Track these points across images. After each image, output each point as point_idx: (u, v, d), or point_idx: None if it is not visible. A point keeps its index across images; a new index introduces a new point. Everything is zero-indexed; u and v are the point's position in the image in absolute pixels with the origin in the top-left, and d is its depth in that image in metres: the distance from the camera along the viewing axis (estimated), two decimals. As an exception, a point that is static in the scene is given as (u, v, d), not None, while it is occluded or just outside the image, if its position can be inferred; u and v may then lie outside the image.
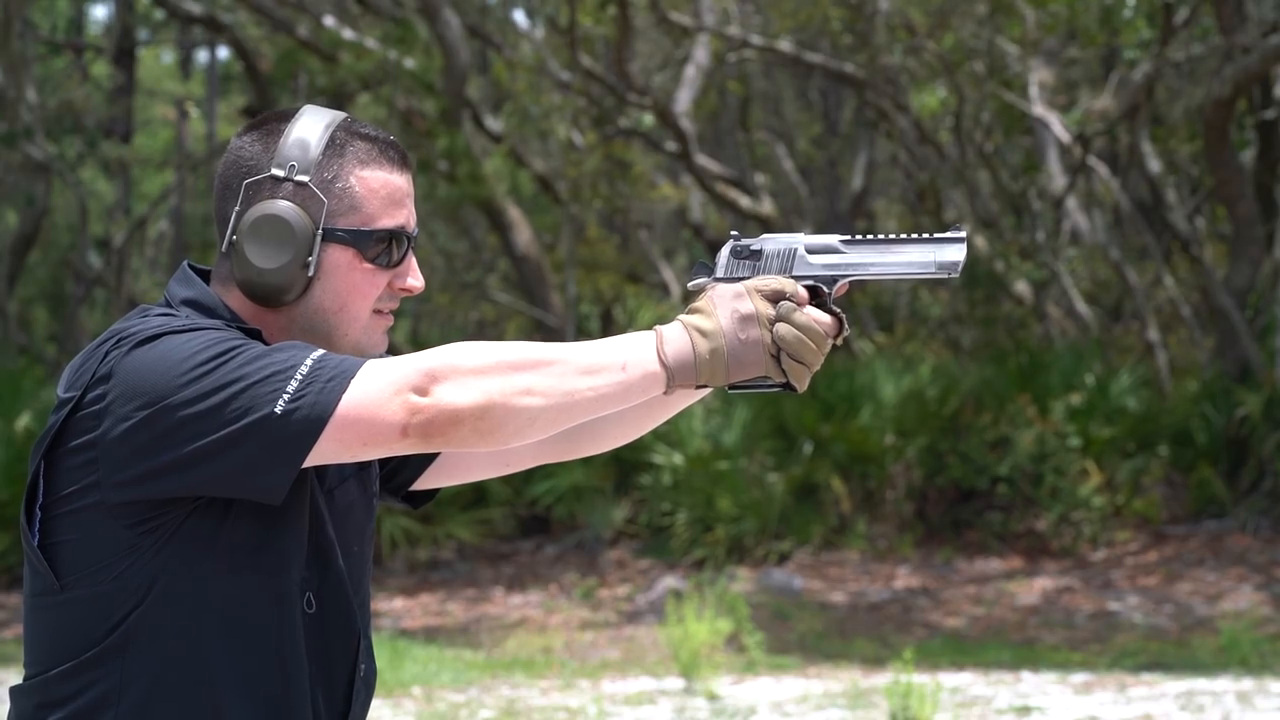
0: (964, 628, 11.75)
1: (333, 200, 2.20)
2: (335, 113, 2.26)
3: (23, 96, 17.26)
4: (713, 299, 2.17)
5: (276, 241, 2.18)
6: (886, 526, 13.69)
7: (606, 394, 2.11)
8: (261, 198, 2.20)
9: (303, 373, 2.05)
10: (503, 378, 2.06)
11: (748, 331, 2.15)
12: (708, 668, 9.57)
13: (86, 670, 2.12)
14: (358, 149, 2.23)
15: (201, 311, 2.20)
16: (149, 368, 2.06)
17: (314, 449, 2.05)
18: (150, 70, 30.17)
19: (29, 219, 19.69)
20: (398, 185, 2.24)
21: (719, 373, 2.14)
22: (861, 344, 18.41)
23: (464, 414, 2.05)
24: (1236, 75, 13.96)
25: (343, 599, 2.23)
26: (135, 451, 2.06)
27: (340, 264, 2.21)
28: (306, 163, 2.20)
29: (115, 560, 2.10)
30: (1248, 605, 11.78)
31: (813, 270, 2.24)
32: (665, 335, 2.14)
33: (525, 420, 2.08)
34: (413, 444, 2.06)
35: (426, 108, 16.31)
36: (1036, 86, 16.74)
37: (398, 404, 2.04)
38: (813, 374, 2.19)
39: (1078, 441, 13.54)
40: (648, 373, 2.12)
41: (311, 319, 2.22)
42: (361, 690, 2.27)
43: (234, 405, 2.03)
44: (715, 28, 17.02)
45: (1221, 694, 9.16)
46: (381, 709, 9.12)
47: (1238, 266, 15.06)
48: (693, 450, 13.84)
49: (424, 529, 13.86)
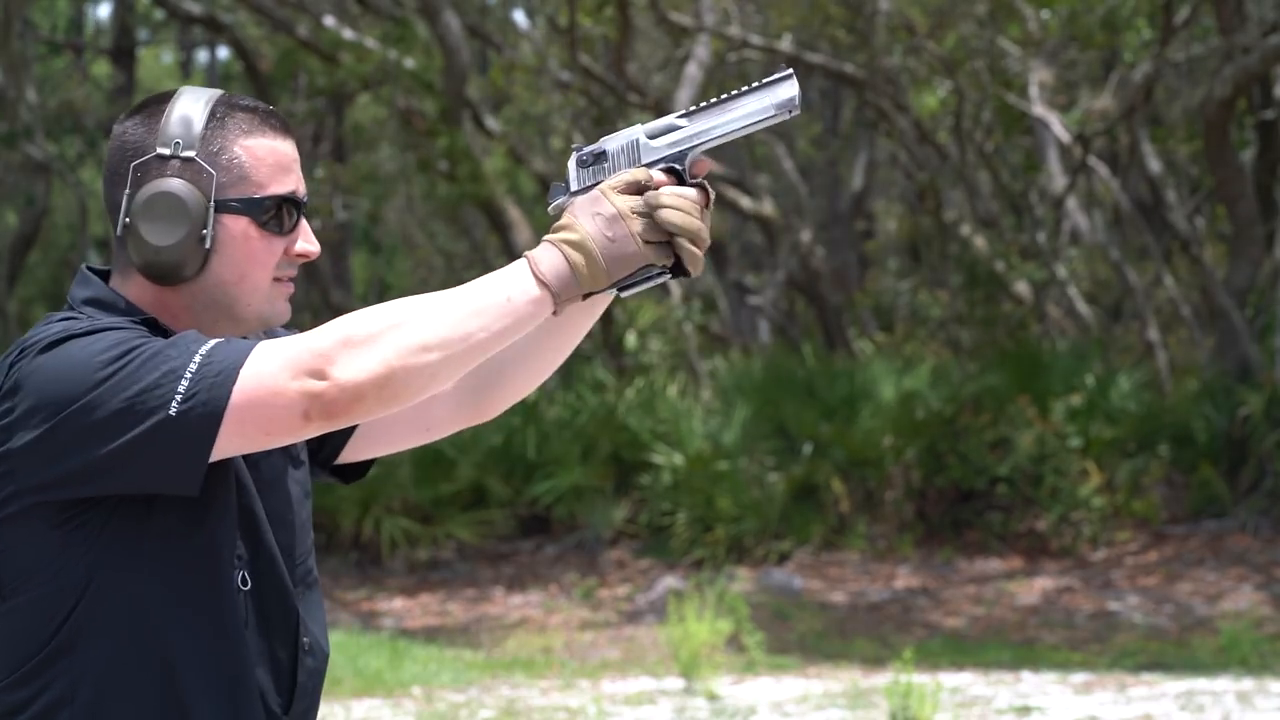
0: (964, 628, 11.75)
1: (221, 172, 2.21)
2: (213, 90, 2.27)
3: (23, 96, 17.25)
4: (572, 211, 2.18)
5: (170, 218, 2.19)
6: (886, 526, 13.69)
7: (498, 330, 2.11)
8: (150, 178, 2.21)
9: (192, 370, 2.05)
10: (394, 341, 2.06)
11: (614, 229, 2.14)
12: (708, 668, 9.57)
13: (37, 675, 2.13)
14: (239, 119, 2.24)
15: (101, 308, 2.21)
16: (51, 375, 2.08)
17: (216, 444, 2.05)
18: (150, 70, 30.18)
19: (29, 219, 19.69)
20: (284, 152, 2.26)
21: (599, 276, 2.15)
22: (861, 344, 18.41)
23: (365, 387, 2.05)
24: (1236, 75, 13.97)
25: (275, 573, 2.23)
26: (46, 459, 2.08)
27: (235, 234, 2.22)
28: (191, 138, 2.21)
29: (49, 562, 2.12)
30: (1248, 605, 11.78)
31: (659, 154, 2.22)
32: (536, 256, 2.15)
33: (427, 376, 2.08)
34: (318, 426, 2.07)
35: (426, 108, 16.30)
36: (1036, 86, 16.74)
37: (295, 390, 2.04)
38: (703, 250, 2.19)
39: (1078, 442, 13.54)
40: (531, 298, 2.13)
41: (213, 293, 2.22)
42: (306, 661, 2.27)
43: (133, 411, 2.04)
44: (715, 28, 17.02)
45: (1221, 694, 9.16)
46: (381, 709, 9.13)
47: (1238, 266, 15.06)
48: (693, 450, 13.84)
49: (424, 529, 13.86)
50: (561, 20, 17.24)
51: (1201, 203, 18.60)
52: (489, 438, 14.15)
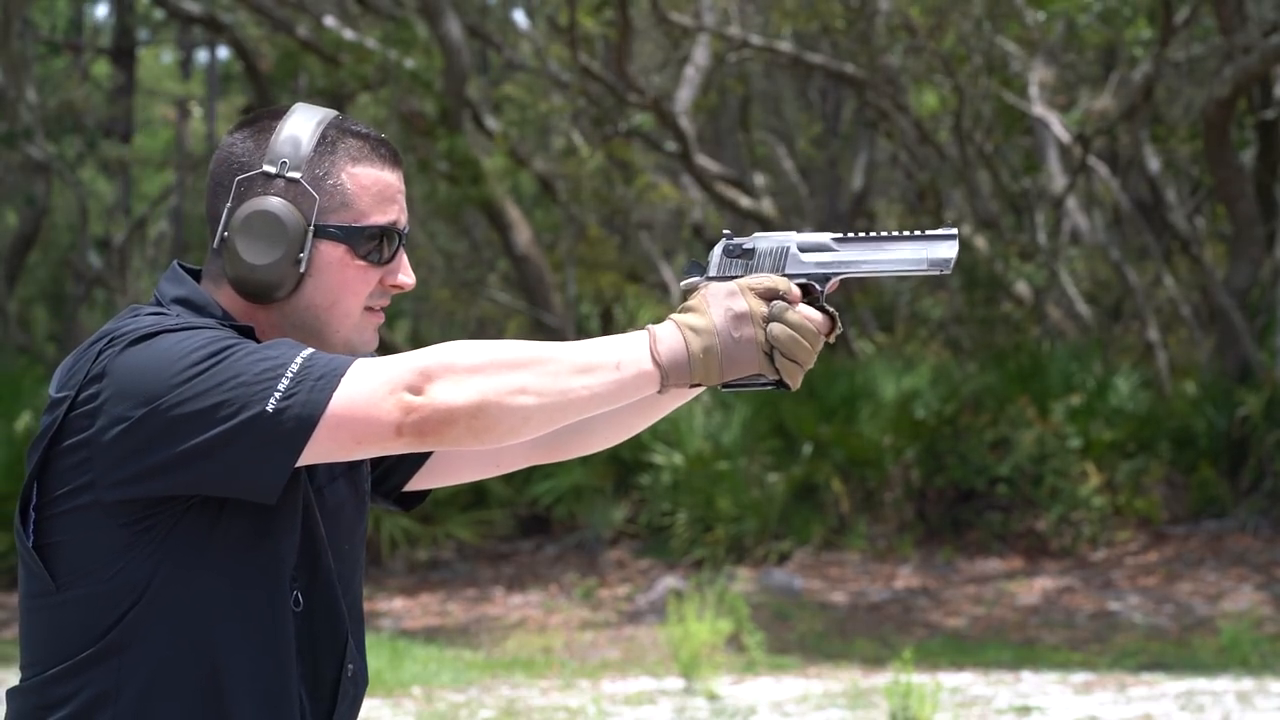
0: (964, 628, 11.75)
1: (324, 197, 2.20)
2: (327, 110, 2.26)
3: (23, 96, 17.26)
4: (706, 297, 2.17)
5: (268, 237, 2.18)
6: (886, 527, 13.69)
7: (600, 393, 2.11)
8: (253, 194, 2.20)
9: (294, 370, 2.05)
10: (497, 376, 2.06)
11: (741, 330, 2.14)
12: (708, 668, 9.57)
13: (83, 670, 2.12)
14: (349, 146, 2.23)
15: (193, 310, 2.20)
16: (142, 367, 2.06)
17: (308, 447, 2.05)
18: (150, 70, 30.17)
19: (29, 219, 19.69)
20: (389, 182, 2.25)
21: (713, 371, 2.14)
22: (861, 344, 18.41)
23: (458, 413, 2.05)
24: (1236, 75, 13.96)
25: (330, 598, 2.23)
26: (129, 451, 2.06)
27: (332, 260, 2.21)
28: (298, 159, 2.20)
29: (111, 560, 2.11)
30: (1248, 605, 11.77)
31: (805, 268, 2.23)
32: (658, 334, 2.14)
33: (519, 419, 2.08)
34: (407, 443, 2.07)
35: (426, 108, 16.30)
36: (1036, 86, 16.74)
37: (392, 403, 2.04)
38: (805, 372, 2.19)
39: (1078, 442, 13.54)
40: (642, 372, 2.12)
41: (303, 316, 2.22)
42: (349, 689, 2.26)
43: (226, 404, 2.03)
44: (715, 28, 17.02)
45: (1221, 694, 9.16)
46: (381, 709, 9.13)
47: (1238, 266, 15.06)
48: (693, 450, 13.84)
49: (424, 529, 13.86)
50: (561, 20, 17.24)
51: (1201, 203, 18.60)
52: (489, 438, 14.14)
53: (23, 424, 13.91)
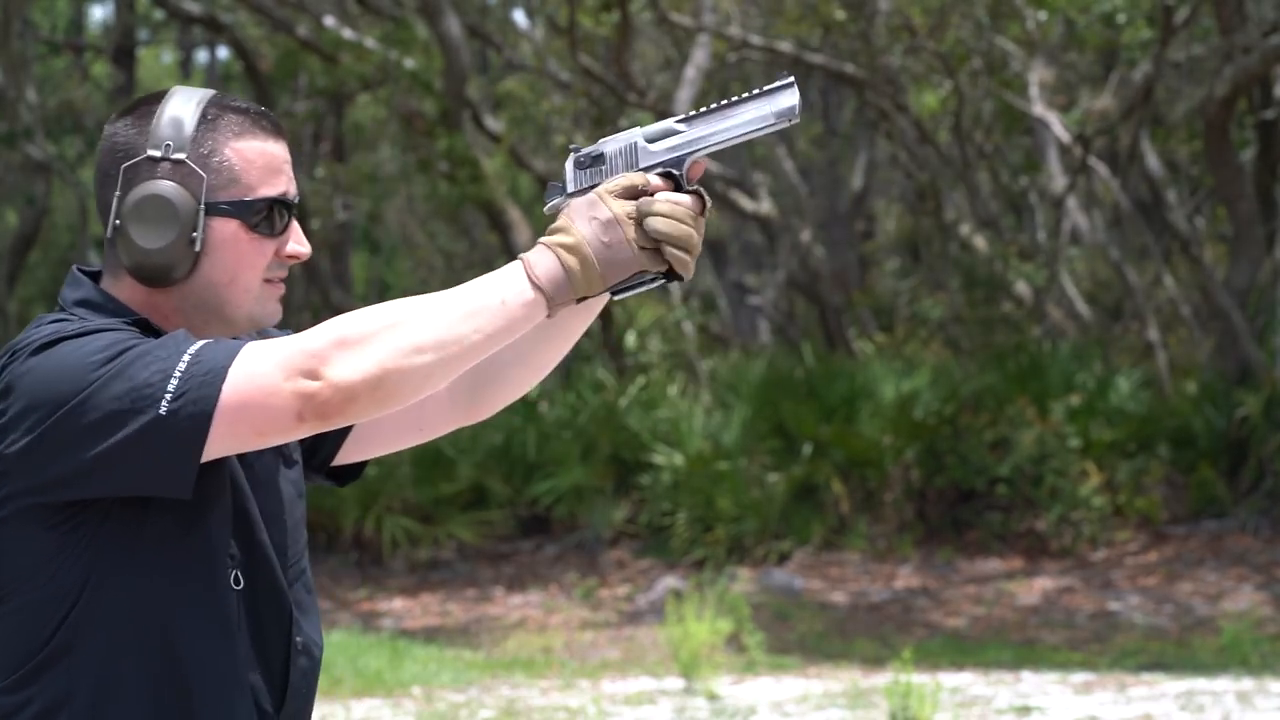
0: (964, 628, 11.75)
1: (211, 174, 2.21)
2: (205, 90, 2.27)
3: (23, 96, 17.26)
4: (569, 214, 2.18)
5: (160, 220, 2.19)
6: (886, 527, 13.69)
7: (492, 332, 2.11)
8: (141, 180, 2.21)
9: (181, 369, 2.06)
10: (388, 342, 2.06)
11: (610, 234, 2.14)
12: (708, 668, 9.57)
13: (34, 677, 2.13)
14: (231, 121, 2.24)
15: (92, 309, 2.21)
16: (43, 377, 2.08)
17: (209, 443, 2.05)
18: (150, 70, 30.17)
19: (29, 219, 19.69)
20: (274, 154, 2.25)
21: (594, 280, 2.15)
22: (861, 344, 18.41)
23: (358, 388, 2.05)
24: (1236, 75, 13.96)
25: (269, 572, 2.23)
26: (39, 461, 2.08)
27: (226, 236, 2.22)
28: (181, 140, 2.21)
29: (45, 564, 2.12)
30: (1248, 605, 11.78)
31: (657, 157, 2.22)
32: (532, 260, 2.15)
33: (420, 378, 2.08)
34: (311, 427, 2.07)
35: (426, 108, 16.30)
36: (1036, 86, 16.74)
37: (289, 390, 2.05)
38: (694, 257, 2.19)
39: (1078, 442, 13.54)
40: (526, 300, 2.13)
41: (203, 295, 2.22)
42: (299, 660, 2.27)
43: (122, 412, 2.04)
44: (715, 28, 17.02)
45: (1221, 694, 9.16)
46: (381, 709, 9.13)
47: (1238, 266, 15.06)
48: (693, 450, 13.84)
49: (424, 529, 13.86)
50: (561, 20, 17.24)
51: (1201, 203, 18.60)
52: (489, 438, 14.15)
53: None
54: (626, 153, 2.24)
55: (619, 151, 2.24)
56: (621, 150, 2.24)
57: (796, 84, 2.20)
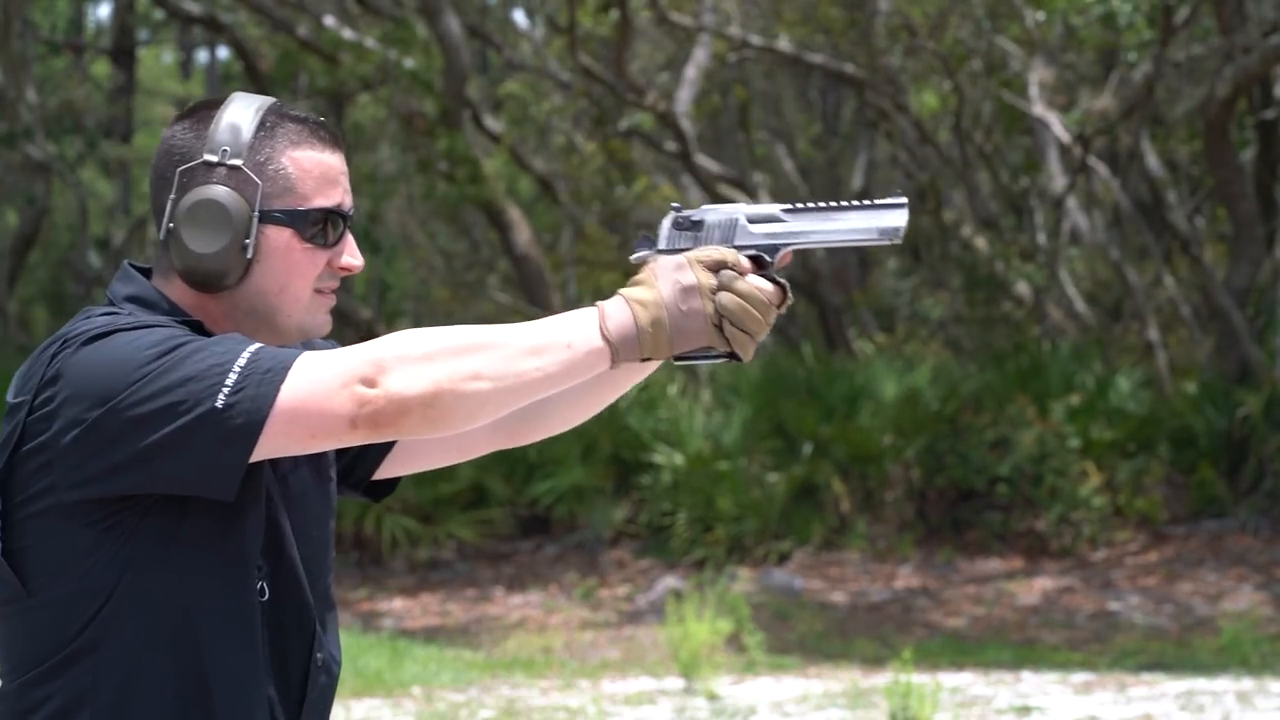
0: (964, 628, 11.75)
1: (267, 182, 2.21)
2: (264, 98, 2.27)
3: (23, 96, 17.26)
4: (654, 271, 2.16)
5: (213, 226, 2.18)
6: (886, 526, 13.69)
7: (553, 373, 2.11)
8: (196, 184, 2.20)
9: (240, 365, 2.05)
10: (449, 364, 2.06)
11: (689, 302, 2.13)
12: (708, 668, 9.57)
13: (59, 672, 2.13)
14: (289, 130, 2.23)
15: (144, 306, 2.20)
16: (95, 368, 2.07)
17: (260, 442, 2.05)
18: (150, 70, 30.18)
19: (29, 219, 19.70)
20: (331, 165, 2.25)
21: (662, 345, 2.14)
22: (861, 344, 18.41)
23: (412, 403, 2.05)
24: (1236, 75, 13.96)
25: (296, 586, 2.23)
26: (86, 452, 2.07)
27: (278, 245, 2.21)
28: (239, 146, 2.20)
29: (79, 561, 2.11)
30: (1248, 605, 11.78)
31: (754, 239, 2.23)
32: (606, 310, 2.14)
33: (475, 405, 2.08)
34: (362, 435, 2.07)
35: (426, 108, 16.30)
36: (1036, 86, 16.74)
37: (345, 396, 2.04)
38: (758, 343, 2.19)
39: (1077, 442, 13.54)
40: (592, 349, 2.12)
41: (253, 302, 2.22)
42: (319, 677, 2.27)
43: (177, 403, 2.04)
44: (716, 28, 17.02)
45: (1221, 694, 9.16)
46: (381, 709, 9.13)
47: (1238, 266, 15.06)
48: (693, 450, 13.84)
49: (424, 529, 13.86)
50: (561, 20, 17.24)
51: (1201, 203, 18.59)
52: (489, 438, 14.14)
53: (23, 424, 13.90)
54: (725, 227, 2.24)
55: (719, 223, 2.24)
56: (721, 223, 2.24)
57: (909, 206, 2.21)
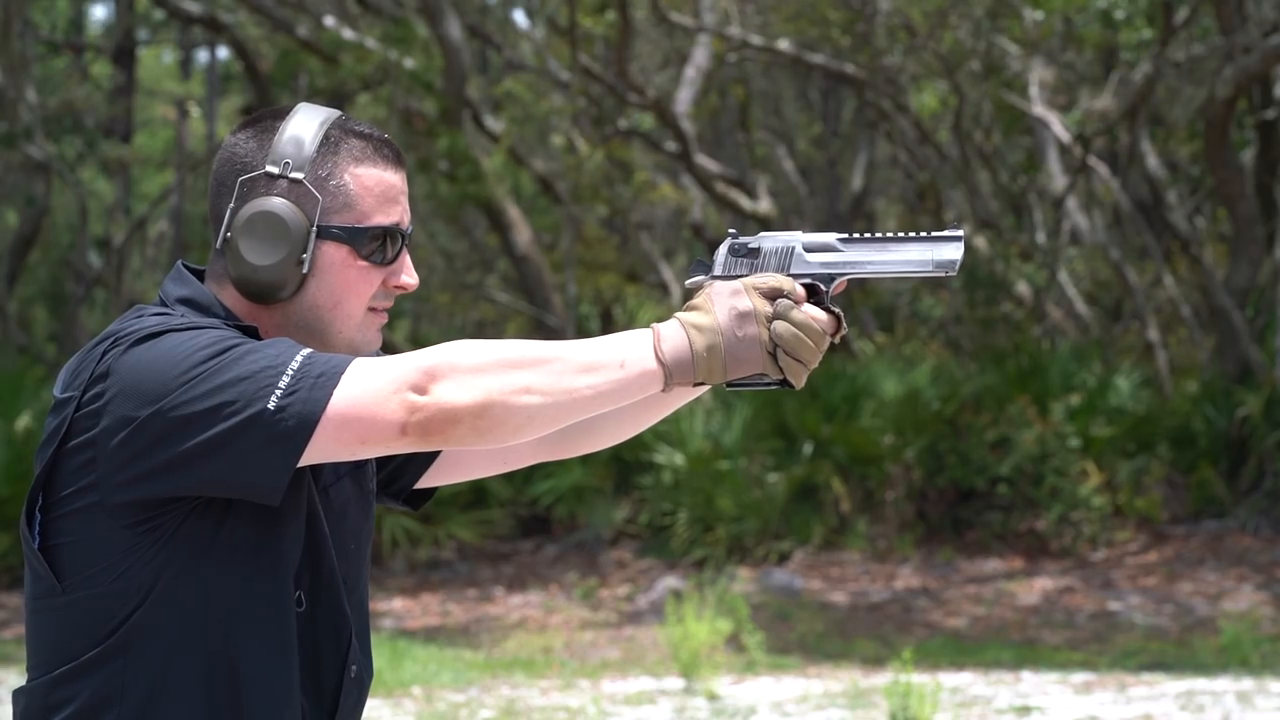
0: (964, 628, 11.75)
1: (327, 197, 2.20)
2: (330, 110, 2.26)
3: (23, 96, 17.26)
4: (710, 296, 2.17)
5: (271, 238, 2.18)
6: (887, 526, 13.69)
7: (605, 392, 2.11)
8: (256, 195, 2.20)
9: (294, 368, 2.05)
10: (501, 376, 2.06)
11: (745, 329, 2.14)
12: (708, 668, 9.57)
13: (89, 671, 2.13)
14: (352, 146, 2.23)
15: (197, 310, 2.20)
16: (146, 367, 2.06)
17: (310, 445, 2.04)
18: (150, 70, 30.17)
19: (29, 219, 19.70)
20: (392, 183, 2.24)
21: (716, 370, 2.14)
22: (862, 344, 18.41)
23: (463, 413, 2.05)
24: (1237, 75, 13.96)
25: (334, 598, 2.23)
26: (133, 451, 2.06)
27: (335, 261, 2.21)
28: (301, 160, 2.20)
29: (116, 561, 2.11)
30: (1248, 605, 11.78)
31: (810, 268, 2.24)
32: (662, 333, 2.14)
33: (524, 418, 2.08)
34: (411, 442, 2.06)
35: (426, 108, 16.30)
36: (1036, 86, 16.74)
37: (396, 402, 2.04)
38: (810, 371, 2.20)
39: (1078, 442, 13.54)
40: (645, 370, 2.12)
41: (306, 316, 2.22)
42: (352, 690, 2.26)
43: (229, 404, 2.03)
44: (715, 28, 17.02)
45: (1221, 694, 9.16)
46: (381, 709, 9.12)
47: (1238, 266, 15.06)
48: (693, 450, 13.84)
49: (424, 529, 13.86)
50: (561, 20, 17.24)
51: (1201, 203, 18.60)
52: (489, 438, 14.14)
53: (23, 424, 13.90)
54: (781, 255, 2.25)
55: (775, 251, 2.26)
56: (778, 250, 2.26)
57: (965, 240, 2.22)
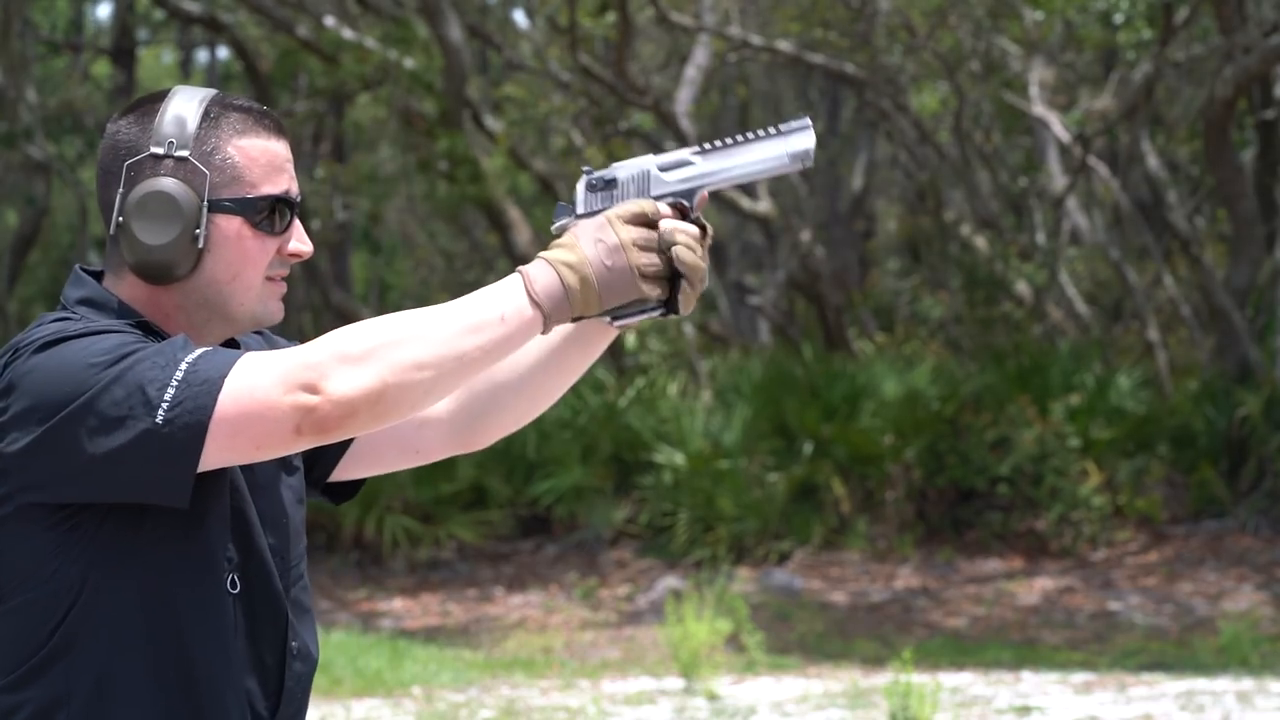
0: (964, 628, 11.75)
1: (214, 172, 2.22)
2: (206, 89, 2.28)
3: (23, 96, 17.26)
4: (575, 232, 2.18)
5: (163, 217, 2.19)
6: (887, 526, 13.69)
7: (491, 348, 2.12)
8: (144, 177, 2.21)
9: (177, 378, 2.05)
10: (390, 357, 2.06)
11: (614, 258, 2.15)
12: (708, 668, 9.57)
13: (33, 677, 2.13)
14: (233, 120, 2.24)
15: (95, 309, 2.21)
16: (45, 376, 2.08)
17: (205, 453, 2.05)
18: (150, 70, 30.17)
19: (29, 219, 19.71)
20: (277, 152, 2.26)
21: (592, 302, 2.15)
22: (862, 344, 18.41)
23: (358, 403, 2.05)
24: (1237, 75, 13.96)
25: (266, 576, 2.23)
26: (38, 463, 2.07)
27: (229, 234, 2.22)
28: (185, 138, 2.21)
29: (44, 563, 2.12)
30: (1248, 605, 11.78)
31: (669, 187, 2.23)
32: (532, 274, 2.15)
33: (420, 393, 2.09)
34: (309, 441, 2.07)
35: (426, 108, 16.30)
36: (1036, 86, 16.74)
37: (288, 404, 2.04)
38: (699, 290, 2.20)
39: (1077, 442, 13.54)
40: (524, 317, 2.13)
41: (205, 292, 2.23)
42: (295, 665, 2.27)
43: (123, 418, 2.04)
44: (716, 28, 17.02)
45: (1221, 694, 9.16)
46: (381, 709, 9.13)
47: (1238, 266, 15.06)
48: (693, 450, 13.84)
49: (424, 529, 13.86)
50: (561, 20, 17.24)
51: (1201, 203, 18.60)
52: (489, 438, 14.14)
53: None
54: (639, 180, 2.24)
55: (631, 178, 2.25)
56: (634, 177, 2.25)
57: (813, 127, 2.20)
